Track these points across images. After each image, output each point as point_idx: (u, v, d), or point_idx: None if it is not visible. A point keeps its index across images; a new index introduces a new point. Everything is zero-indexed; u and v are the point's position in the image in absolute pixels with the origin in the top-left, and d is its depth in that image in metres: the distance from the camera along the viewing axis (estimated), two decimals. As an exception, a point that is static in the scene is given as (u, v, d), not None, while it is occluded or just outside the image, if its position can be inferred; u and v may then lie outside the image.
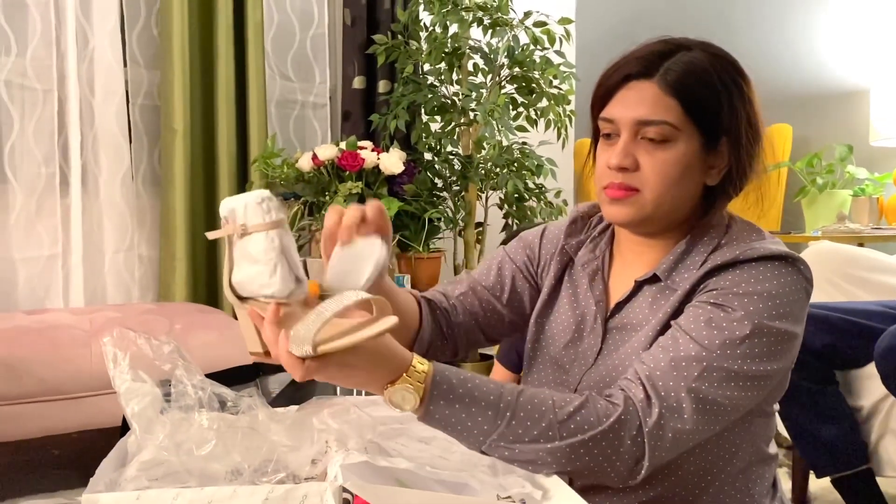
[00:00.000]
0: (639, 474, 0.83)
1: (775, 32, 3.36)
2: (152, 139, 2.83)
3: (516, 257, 1.14)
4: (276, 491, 0.59)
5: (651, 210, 0.94)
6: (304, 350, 0.69)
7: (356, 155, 2.73)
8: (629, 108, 0.93)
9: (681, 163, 0.92)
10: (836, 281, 1.99)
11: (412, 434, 0.69)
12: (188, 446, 0.66)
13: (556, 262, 1.09)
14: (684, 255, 0.96)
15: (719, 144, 0.94)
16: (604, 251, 1.06)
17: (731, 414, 0.87)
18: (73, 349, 1.95)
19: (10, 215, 2.53)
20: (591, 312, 1.03)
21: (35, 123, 2.55)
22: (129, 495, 0.60)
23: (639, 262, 1.01)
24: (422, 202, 2.86)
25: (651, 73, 0.92)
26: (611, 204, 0.95)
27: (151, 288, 2.81)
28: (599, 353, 1.00)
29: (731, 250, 0.93)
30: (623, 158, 0.92)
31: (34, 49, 2.54)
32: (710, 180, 0.96)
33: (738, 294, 0.88)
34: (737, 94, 0.94)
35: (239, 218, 0.76)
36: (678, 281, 0.95)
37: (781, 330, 0.88)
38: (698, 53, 0.94)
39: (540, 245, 1.13)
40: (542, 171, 2.92)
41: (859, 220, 2.82)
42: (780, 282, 0.89)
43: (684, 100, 0.91)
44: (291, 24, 3.17)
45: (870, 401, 1.73)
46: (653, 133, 0.91)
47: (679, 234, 0.98)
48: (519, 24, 2.87)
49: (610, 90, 0.95)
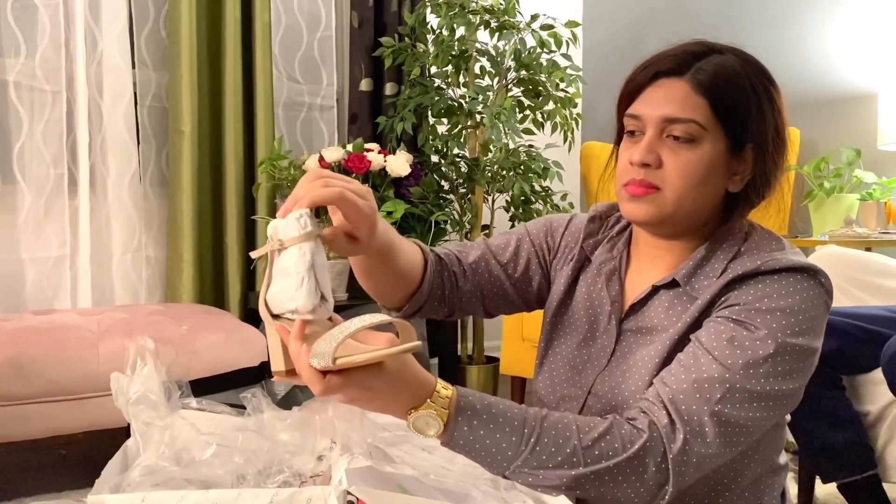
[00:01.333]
0: (662, 499, 0.82)
1: (783, 36, 3.35)
2: (160, 141, 2.85)
3: (536, 240, 1.12)
4: (281, 494, 0.59)
5: (671, 210, 0.92)
6: (324, 363, 0.70)
7: (363, 157, 2.73)
8: (657, 105, 0.92)
9: (705, 164, 0.91)
10: (844, 285, 1.98)
11: (415, 442, 0.69)
12: (189, 455, 0.66)
13: (573, 260, 1.08)
14: (704, 262, 0.95)
15: (745, 151, 0.93)
16: (621, 251, 1.05)
17: (753, 434, 0.86)
18: (80, 350, 1.96)
19: (18, 216, 2.55)
20: (606, 312, 1.01)
21: (44, 125, 2.57)
22: (134, 497, 0.60)
23: (656, 265, 1.00)
24: (428, 204, 2.86)
25: (682, 72, 0.92)
26: (630, 201, 0.94)
27: (158, 289, 2.82)
28: (612, 354, 0.99)
29: (752, 260, 0.91)
30: (647, 154, 0.91)
31: (43, 51, 2.55)
32: (733, 186, 0.95)
33: (760, 311, 0.87)
34: (766, 101, 0.93)
35: (280, 234, 0.78)
36: (697, 288, 0.94)
37: (804, 346, 0.87)
38: (730, 57, 0.93)
39: (563, 235, 1.11)
40: (548, 173, 2.92)
41: (867, 225, 2.80)
42: (802, 296, 0.88)
43: (714, 100, 0.90)
44: (299, 27, 3.18)
45: (877, 406, 1.72)
46: (679, 131, 0.90)
47: (698, 238, 0.97)
48: (526, 27, 2.87)
49: (639, 87, 0.95)
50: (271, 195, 2.90)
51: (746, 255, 0.93)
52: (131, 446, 0.74)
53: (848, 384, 1.76)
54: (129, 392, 0.72)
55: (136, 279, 2.76)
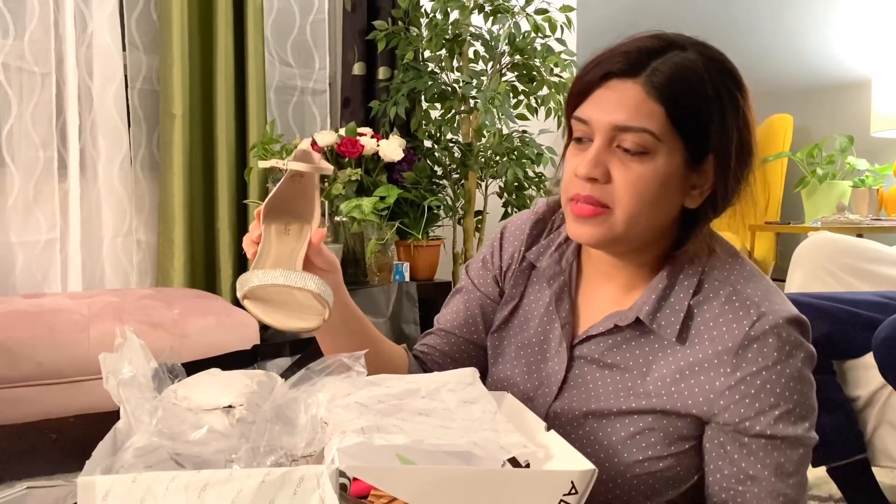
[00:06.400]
0: None
1: (777, 22, 3.35)
2: (151, 124, 2.82)
3: (481, 284, 1.02)
4: (273, 474, 0.59)
5: (621, 231, 0.83)
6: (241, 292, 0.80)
7: (356, 142, 2.72)
8: (606, 111, 0.81)
9: (658, 179, 0.81)
10: (835, 271, 1.98)
11: (410, 408, 0.69)
12: (182, 435, 0.66)
13: (518, 271, 0.99)
14: (666, 293, 0.86)
15: (704, 163, 0.83)
16: (571, 263, 0.95)
17: None
18: (71, 333, 1.95)
19: (7, 199, 2.53)
20: (556, 335, 0.93)
21: (33, 107, 2.54)
22: (125, 477, 0.60)
23: (610, 285, 0.92)
24: (421, 190, 2.85)
25: (636, 73, 0.81)
26: (576, 221, 0.85)
27: (149, 273, 2.81)
28: (564, 381, 0.91)
29: (721, 321, 0.83)
30: (593, 168, 0.81)
31: (32, 32, 2.52)
32: (691, 202, 0.85)
33: (759, 412, 0.82)
34: (731, 108, 0.83)
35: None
36: (665, 326, 0.86)
37: (811, 438, 0.88)
38: (693, 55, 0.82)
39: (500, 252, 1.02)
40: (541, 159, 2.91)
41: (859, 211, 2.81)
42: (790, 374, 0.83)
43: (670, 107, 0.80)
44: (291, 10, 3.15)
45: (866, 391, 1.73)
46: (630, 142, 0.80)
47: (652, 257, 0.89)
48: (520, 11, 2.86)
49: (588, 87, 0.84)
50: (263, 179, 2.89)
51: (713, 296, 0.85)
52: (121, 428, 0.73)
53: (838, 369, 1.77)
54: (120, 372, 0.71)
55: (127, 263, 2.75)
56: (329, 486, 0.58)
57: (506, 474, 0.66)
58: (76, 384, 1.94)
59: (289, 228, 0.87)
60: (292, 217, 0.88)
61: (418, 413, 0.69)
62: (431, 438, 0.64)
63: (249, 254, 0.85)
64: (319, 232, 0.86)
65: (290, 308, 0.80)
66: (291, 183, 0.88)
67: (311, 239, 0.86)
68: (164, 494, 0.58)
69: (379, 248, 2.69)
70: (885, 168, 2.91)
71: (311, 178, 0.88)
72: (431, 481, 0.61)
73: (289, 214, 0.88)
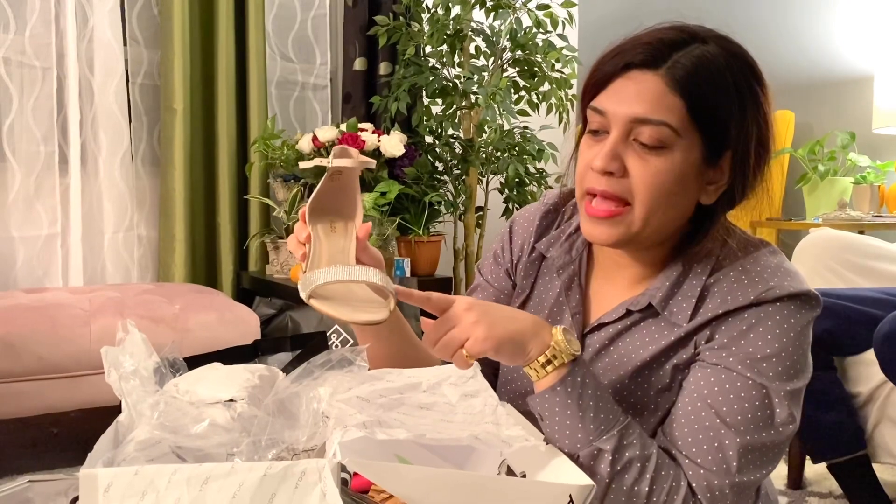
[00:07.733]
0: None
1: (778, 18, 3.34)
2: (152, 119, 2.82)
3: (494, 279, 1.03)
4: (275, 468, 0.59)
5: (638, 229, 0.82)
6: (304, 293, 0.77)
7: (357, 137, 2.72)
8: (625, 103, 0.80)
9: (675, 174, 0.80)
10: (836, 268, 1.98)
11: (412, 402, 0.69)
12: (184, 429, 0.66)
13: (528, 262, 0.99)
14: (679, 281, 0.86)
15: (722, 158, 0.83)
16: (581, 252, 0.95)
17: (764, 476, 0.84)
18: (72, 328, 1.95)
19: (8, 194, 2.53)
20: (567, 323, 0.92)
21: (34, 101, 2.54)
22: (127, 470, 0.60)
23: (622, 275, 0.91)
24: (422, 185, 2.85)
25: (657, 64, 0.79)
26: (590, 222, 0.84)
27: (150, 268, 2.81)
28: None
29: (736, 287, 0.83)
30: (609, 161, 0.80)
31: (33, 26, 2.52)
32: (706, 198, 0.85)
33: (756, 360, 0.81)
34: (752, 104, 0.82)
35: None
36: (676, 312, 0.85)
37: (800, 388, 0.83)
38: (714, 48, 0.81)
39: (510, 245, 1.02)
40: (543, 155, 2.91)
41: (860, 208, 2.81)
42: (794, 333, 0.82)
43: (691, 100, 0.79)
44: (293, 5, 3.15)
45: (867, 387, 1.73)
46: (647, 135, 0.79)
47: (666, 250, 0.88)
48: (522, 6, 2.85)
49: (606, 78, 0.82)
50: (264, 174, 2.89)
51: (728, 273, 0.85)
52: (123, 421, 0.74)
53: (839, 365, 1.77)
54: (122, 366, 0.71)
55: (128, 258, 2.75)
56: (331, 480, 0.58)
57: (504, 483, 0.66)
58: (77, 378, 1.94)
59: (334, 226, 0.87)
60: (336, 215, 0.88)
61: (419, 407, 0.69)
62: (433, 432, 0.64)
63: (298, 256, 0.85)
64: (365, 227, 0.87)
65: (352, 303, 0.79)
66: (331, 181, 0.87)
67: (358, 234, 0.86)
68: (165, 487, 0.59)
69: (380, 244, 2.69)
70: (886, 164, 2.91)
71: (350, 174, 0.88)
72: (430, 483, 0.61)
73: (332, 213, 0.87)
